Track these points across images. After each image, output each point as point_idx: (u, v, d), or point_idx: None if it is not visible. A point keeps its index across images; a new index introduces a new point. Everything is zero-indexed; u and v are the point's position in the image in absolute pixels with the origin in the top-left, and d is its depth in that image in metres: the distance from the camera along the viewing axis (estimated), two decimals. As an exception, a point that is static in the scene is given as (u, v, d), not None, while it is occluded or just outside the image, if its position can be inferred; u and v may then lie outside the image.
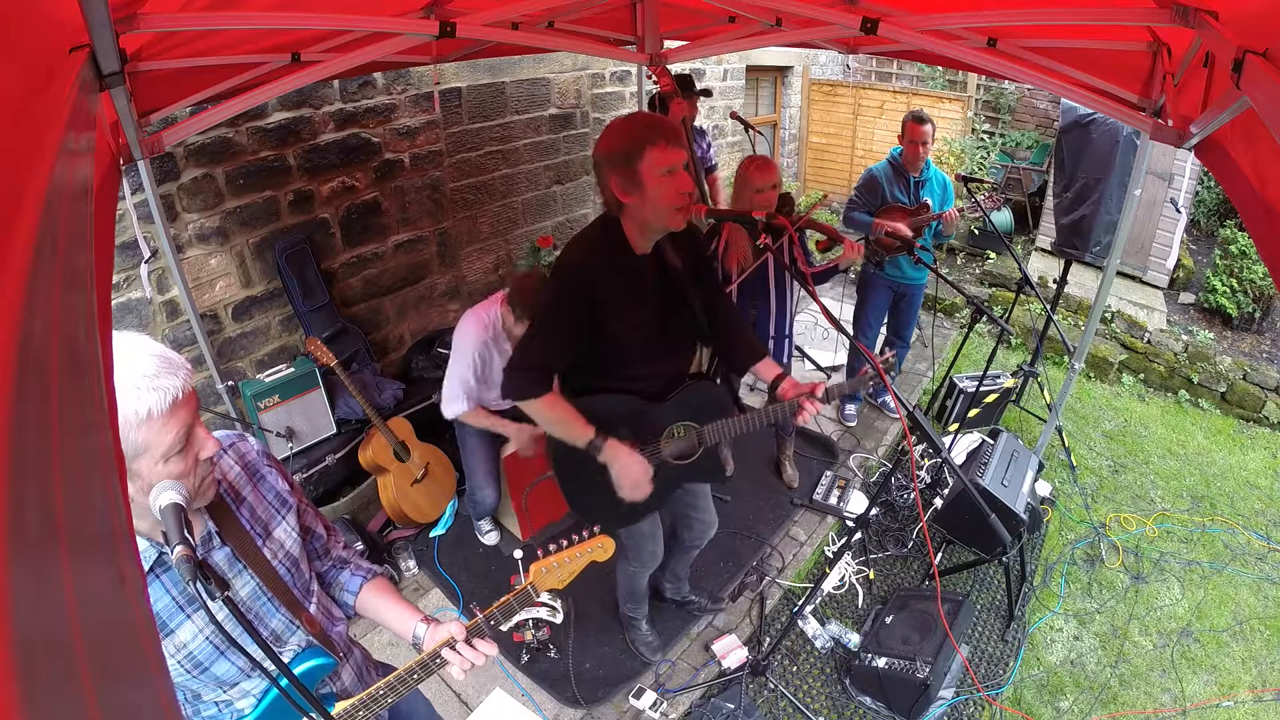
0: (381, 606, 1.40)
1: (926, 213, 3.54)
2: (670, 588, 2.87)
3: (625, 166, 1.65)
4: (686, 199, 1.68)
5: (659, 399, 1.97)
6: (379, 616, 1.40)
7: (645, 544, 2.34)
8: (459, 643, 1.26)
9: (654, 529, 2.33)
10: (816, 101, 7.54)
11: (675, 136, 1.66)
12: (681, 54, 3.28)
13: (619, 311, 1.79)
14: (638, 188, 1.67)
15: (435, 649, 1.26)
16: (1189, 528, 3.56)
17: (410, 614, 1.36)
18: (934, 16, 2.00)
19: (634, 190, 1.67)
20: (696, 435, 1.99)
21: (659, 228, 1.76)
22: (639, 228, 1.77)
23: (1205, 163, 1.67)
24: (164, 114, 2.03)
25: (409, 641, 1.33)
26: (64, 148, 0.53)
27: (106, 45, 1.17)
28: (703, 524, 2.46)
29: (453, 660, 1.26)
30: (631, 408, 1.93)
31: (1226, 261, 5.38)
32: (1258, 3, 1.10)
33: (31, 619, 0.24)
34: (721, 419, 1.98)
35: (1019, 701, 2.66)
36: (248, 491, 1.21)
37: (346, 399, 3.25)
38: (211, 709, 1.18)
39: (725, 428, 1.98)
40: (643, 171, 1.64)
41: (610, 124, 1.72)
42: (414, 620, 1.34)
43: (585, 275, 1.77)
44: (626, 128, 1.67)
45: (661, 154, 1.63)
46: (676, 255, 1.88)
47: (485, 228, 4.42)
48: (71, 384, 0.38)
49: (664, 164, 1.64)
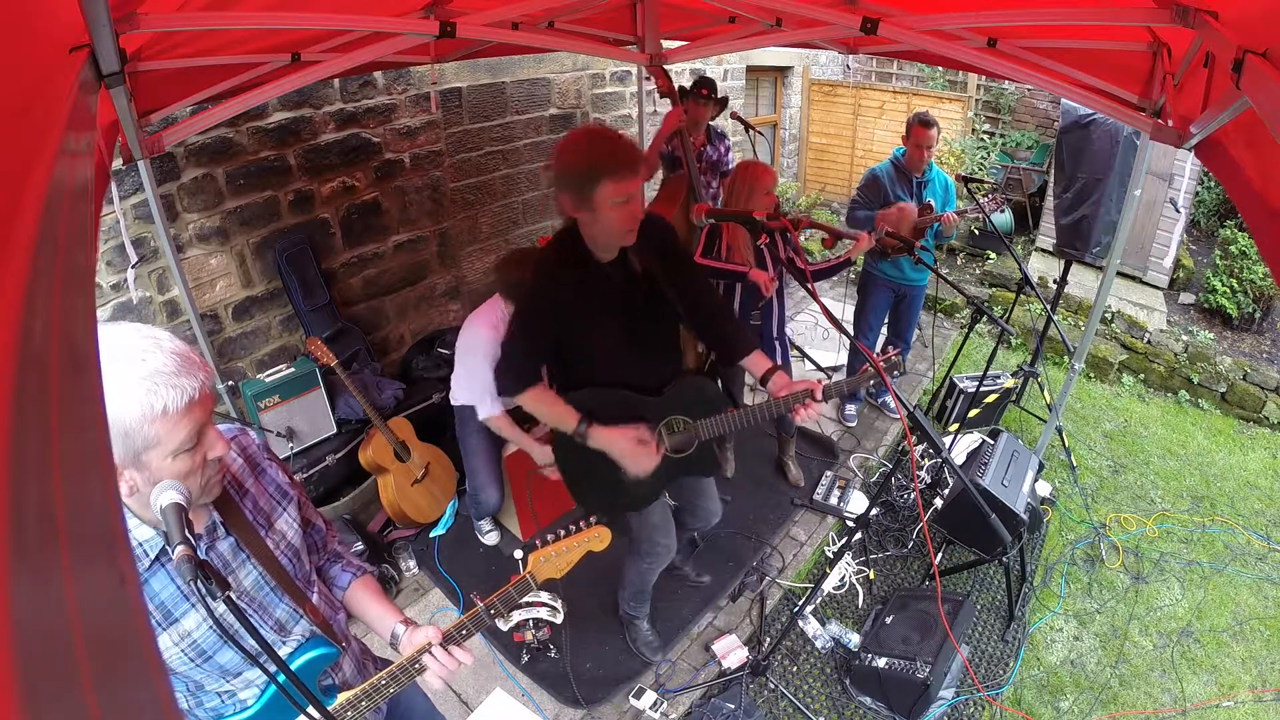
0: (366, 604, 1.42)
1: (930, 213, 3.54)
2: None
3: (578, 191, 1.67)
4: (635, 224, 1.72)
5: (653, 394, 1.99)
6: (362, 614, 1.43)
7: (657, 537, 2.34)
8: (434, 647, 1.27)
9: (665, 521, 2.33)
10: (816, 102, 7.54)
11: (632, 165, 1.66)
12: (681, 54, 3.28)
13: (584, 321, 1.84)
14: (590, 211, 1.70)
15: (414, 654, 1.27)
16: (1189, 528, 3.56)
17: (391, 614, 1.38)
18: (934, 16, 2.00)
19: (585, 211, 1.71)
20: (693, 430, 2.01)
21: (606, 245, 1.81)
22: (592, 241, 1.81)
23: (1206, 163, 1.67)
24: (164, 114, 2.03)
25: (386, 641, 1.35)
26: (64, 148, 0.53)
27: (106, 45, 1.17)
28: (707, 512, 2.49)
29: (430, 665, 1.27)
30: (623, 400, 1.96)
31: (1226, 262, 5.38)
32: (1258, 3, 1.10)
33: (31, 619, 0.24)
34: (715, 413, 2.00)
35: (1019, 701, 2.66)
36: (250, 483, 1.23)
37: (347, 399, 3.25)
38: (214, 699, 1.18)
39: (720, 423, 1.99)
40: (596, 200, 1.66)
41: (570, 137, 1.72)
42: (393, 620, 1.36)
43: (545, 288, 1.84)
44: (584, 149, 1.67)
45: (616, 186, 1.64)
46: (642, 258, 1.89)
47: (485, 228, 4.41)
48: (71, 384, 0.38)
49: (619, 194, 1.65)
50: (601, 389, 1.94)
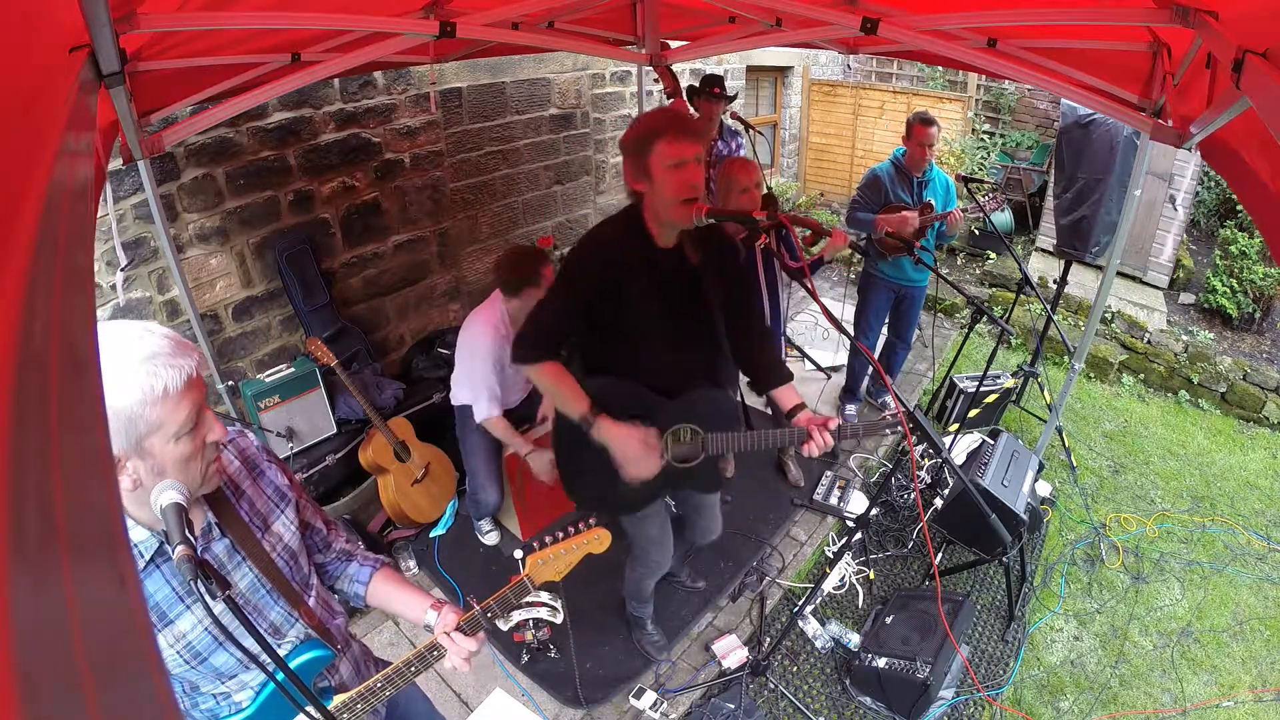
0: (392, 593, 1.42)
1: (930, 213, 3.54)
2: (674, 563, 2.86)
3: (637, 155, 1.70)
4: (691, 192, 1.69)
5: (667, 395, 1.95)
6: (389, 604, 1.42)
7: (652, 549, 2.33)
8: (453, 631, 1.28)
9: (662, 535, 2.31)
10: (816, 102, 7.54)
11: (688, 130, 1.68)
12: (682, 54, 3.28)
13: (632, 297, 1.81)
14: (647, 177, 1.71)
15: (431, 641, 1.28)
16: (1189, 528, 3.56)
17: (420, 599, 1.38)
18: (934, 16, 2.00)
19: (643, 179, 1.72)
20: (701, 442, 1.95)
21: (668, 220, 1.77)
22: (654, 218, 1.80)
23: (1213, 164, 1.67)
24: (164, 114, 2.03)
25: (421, 625, 1.35)
26: (64, 148, 0.53)
27: (106, 45, 1.17)
28: (706, 530, 2.47)
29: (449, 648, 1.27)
30: (637, 398, 1.92)
31: (1226, 262, 5.38)
32: (1258, 3, 1.10)
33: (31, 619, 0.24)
34: (727, 430, 1.95)
35: (1019, 701, 2.66)
36: (247, 485, 1.23)
37: (347, 399, 3.25)
38: (209, 701, 1.18)
39: (730, 441, 1.95)
40: (651, 161, 1.68)
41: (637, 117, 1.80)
42: (424, 605, 1.36)
43: (608, 250, 1.82)
44: (646, 118, 1.74)
45: (670, 146, 1.65)
46: (697, 253, 1.88)
47: (485, 228, 4.41)
48: (71, 384, 0.38)
49: (672, 156, 1.66)
50: (618, 382, 1.90)
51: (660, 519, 2.27)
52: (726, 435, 1.95)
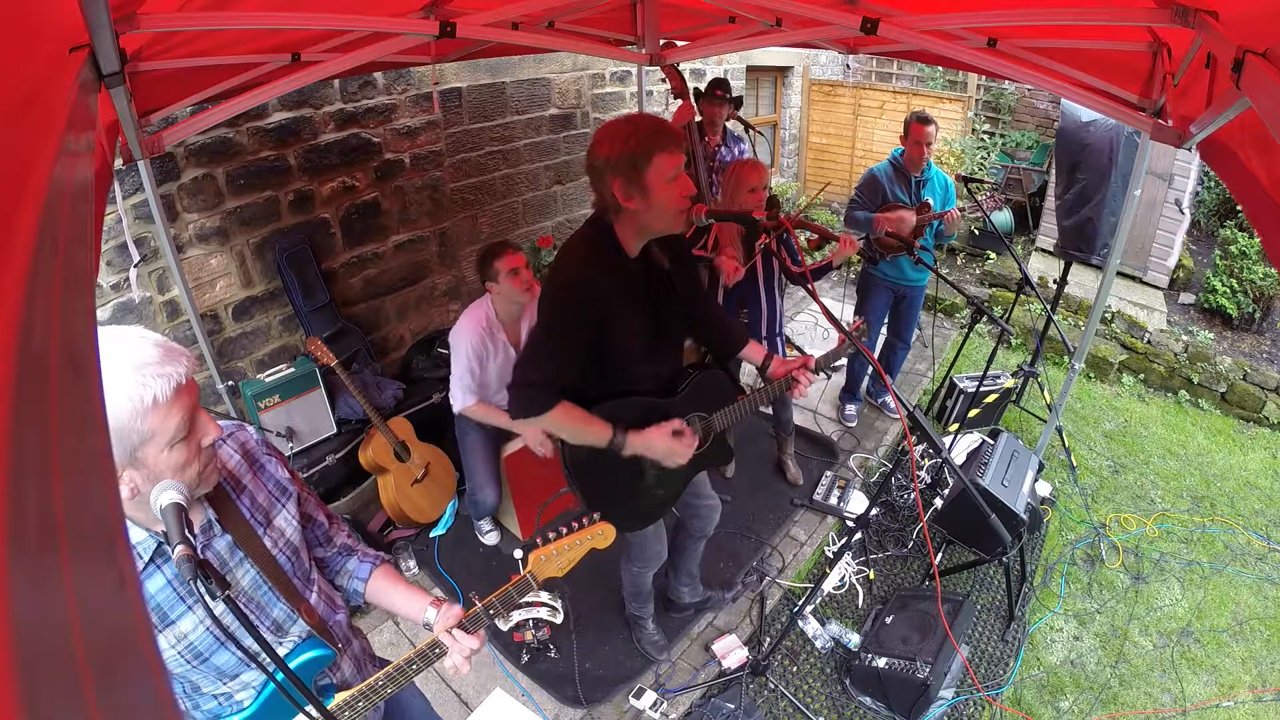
0: (391, 591, 1.42)
1: (928, 212, 3.54)
2: (687, 590, 2.85)
3: (631, 171, 1.62)
4: (689, 202, 1.68)
5: (668, 394, 1.98)
6: (389, 601, 1.42)
7: (649, 544, 2.35)
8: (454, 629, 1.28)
9: (657, 529, 2.33)
10: (817, 102, 7.55)
11: (679, 141, 1.66)
12: (682, 54, 3.28)
13: (621, 319, 1.79)
14: (642, 193, 1.64)
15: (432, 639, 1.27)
16: (1189, 528, 3.56)
17: (420, 597, 1.38)
18: (934, 16, 2.00)
19: (637, 195, 1.65)
20: (707, 425, 2.02)
21: (659, 230, 1.75)
22: (635, 231, 1.75)
23: (1213, 165, 1.67)
24: (164, 114, 2.03)
25: (421, 623, 1.35)
26: (64, 148, 0.53)
27: (106, 45, 1.17)
28: (708, 509, 2.49)
29: (450, 646, 1.27)
30: (643, 408, 1.92)
31: (1227, 262, 5.38)
32: (1258, 3, 1.10)
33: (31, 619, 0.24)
34: (727, 404, 2.03)
35: (1019, 701, 2.66)
36: (248, 480, 1.22)
37: (347, 399, 3.25)
38: (211, 701, 1.18)
39: (732, 413, 2.03)
40: (649, 179, 1.62)
41: (609, 126, 1.68)
42: (424, 603, 1.36)
43: (590, 290, 1.73)
44: (630, 132, 1.63)
45: (668, 158, 1.62)
46: (663, 254, 1.88)
47: (485, 228, 4.42)
48: (71, 384, 0.38)
49: (671, 169, 1.63)
50: (618, 400, 1.89)
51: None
52: (728, 409, 2.03)
